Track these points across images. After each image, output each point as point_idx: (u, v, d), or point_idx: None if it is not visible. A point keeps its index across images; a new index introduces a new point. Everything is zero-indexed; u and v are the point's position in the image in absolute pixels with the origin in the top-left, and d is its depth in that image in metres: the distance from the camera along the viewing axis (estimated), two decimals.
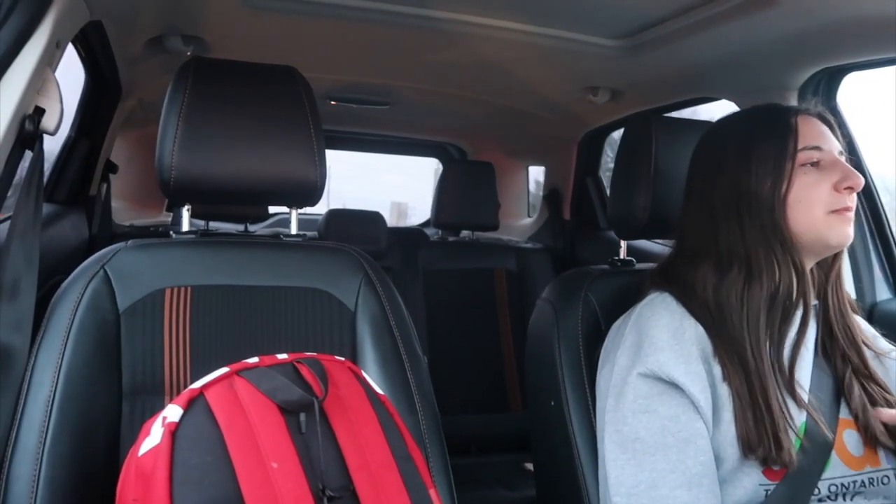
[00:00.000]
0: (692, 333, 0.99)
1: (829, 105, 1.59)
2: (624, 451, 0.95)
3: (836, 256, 1.07)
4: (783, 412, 0.94)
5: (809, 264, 1.05)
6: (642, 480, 0.93)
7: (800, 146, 1.02)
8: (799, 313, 1.02)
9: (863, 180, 1.00)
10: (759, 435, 0.92)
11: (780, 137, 1.02)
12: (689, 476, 0.92)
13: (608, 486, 0.96)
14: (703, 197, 1.08)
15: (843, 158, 1.04)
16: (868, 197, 1.60)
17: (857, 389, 1.01)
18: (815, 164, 1.02)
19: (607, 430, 0.99)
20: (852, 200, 1.00)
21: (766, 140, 1.03)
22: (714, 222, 1.05)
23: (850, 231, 1.01)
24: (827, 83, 1.57)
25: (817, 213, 1.00)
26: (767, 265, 1.00)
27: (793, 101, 1.56)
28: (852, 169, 1.00)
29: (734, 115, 1.14)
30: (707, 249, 1.05)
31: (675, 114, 2.04)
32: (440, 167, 3.57)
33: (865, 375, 1.03)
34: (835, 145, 1.04)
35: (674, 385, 0.95)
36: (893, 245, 1.62)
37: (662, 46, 1.56)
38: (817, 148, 1.02)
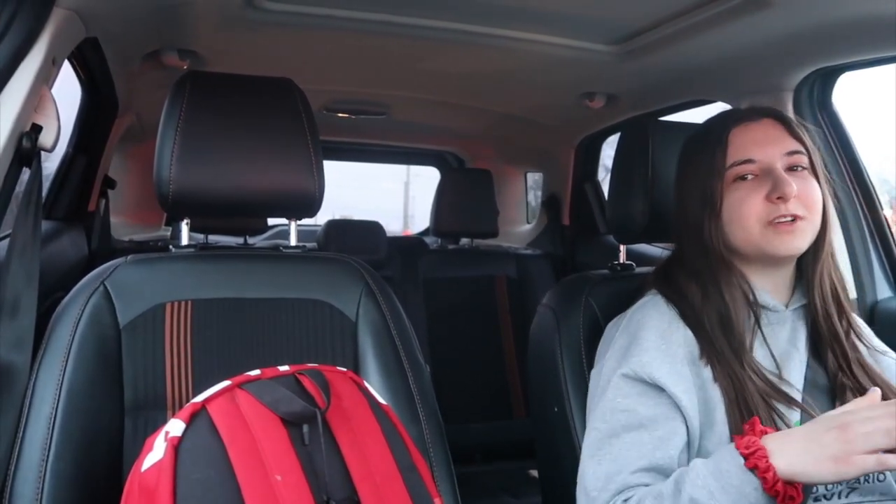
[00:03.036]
0: (680, 336, 1.00)
1: (823, 105, 1.59)
2: (600, 447, 0.96)
3: (816, 259, 1.04)
4: (770, 413, 0.93)
5: (766, 275, 1.04)
6: (613, 471, 0.94)
7: (729, 161, 1.01)
8: (749, 322, 1.02)
9: (794, 189, 0.96)
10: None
11: (710, 155, 1.03)
12: (655, 466, 0.92)
13: (585, 480, 0.97)
14: (674, 214, 1.11)
15: (798, 158, 1.02)
16: (866, 196, 1.61)
17: (848, 392, 1.01)
18: (746, 178, 1.01)
19: (587, 427, 1.00)
20: (791, 209, 0.97)
21: (699, 159, 1.04)
22: (679, 239, 1.09)
23: (793, 241, 0.99)
24: (822, 83, 1.57)
25: (752, 227, 0.99)
26: (709, 283, 1.02)
27: (788, 102, 1.57)
28: (785, 177, 0.98)
29: (690, 135, 1.14)
30: (681, 262, 1.08)
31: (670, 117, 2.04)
32: (409, 179, 3.60)
33: (850, 377, 1.02)
34: (777, 149, 1.01)
35: (655, 386, 0.96)
36: (893, 244, 1.62)
37: (657, 51, 1.56)
38: (749, 161, 1.01)
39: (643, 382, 0.97)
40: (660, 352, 0.98)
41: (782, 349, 1.03)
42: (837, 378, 1.02)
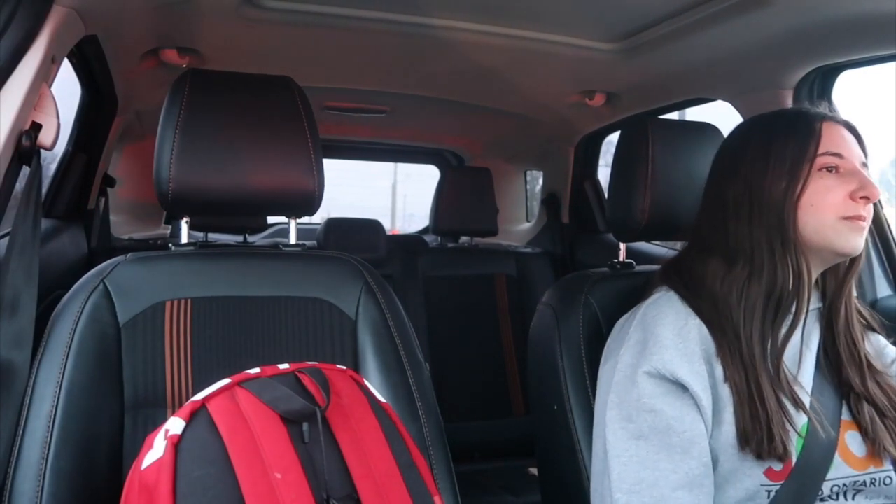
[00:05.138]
0: (696, 333, 0.99)
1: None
2: (627, 448, 0.95)
3: (851, 267, 1.06)
4: (780, 408, 0.93)
5: (816, 270, 1.04)
6: (644, 478, 0.93)
7: (820, 150, 1.02)
8: (791, 315, 1.01)
9: (879, 192, 0.99)
10: (753, 428, 0.92)
11: (802, 139, 1.02)
12: (692, 477, 0.92)
13: (610, 481, 0.96)
14: (719, 193, 1.09)
15: (865, 171, 1.03)
16: None
17: (863, 401, 1.00)
18: (834, 170, 1.01)
19: (611, 426, 0.99)
20: (867, 211, 1.00)
21: (787, 140, 1.03)
22: (726, 218, 1.06)
23: (860, 241, 1.00)
24: (822, 81, 1.57)
25: (828, 218, 0.99)
26: (769, 264, 1.00)
27: (788, 100, 1.57)
28: (871, 180, 1.00)
29: (760, 116, 1.14)
30: (718, 244, 1.06)
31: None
32: (396, 179, 3.61)
33: (863, 387, 1.01)
34: (857, 155, 1.03)
35: (679, 384, 0.96)
36: (893, 242, 1.62)
37: (657, 49, 1.56)
38: (838, 155, 1.01)
39: (667, 381, 0.96)
40: (678, 350, 0.97)
41: (796, 349, 1.02)
42: (852, 387, 1.01)
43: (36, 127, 1.04)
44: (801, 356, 1.02)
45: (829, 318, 1.06)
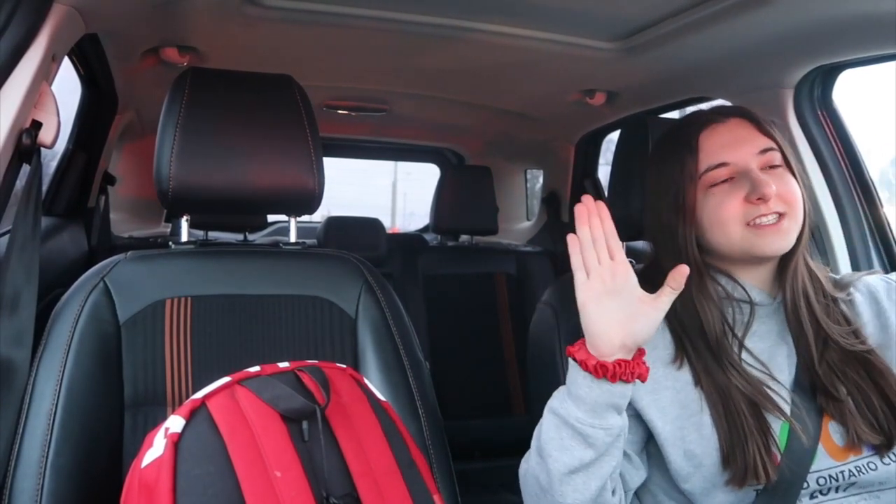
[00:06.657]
0: (658, 338, 0.99)
1: (824, 102, 1.59)
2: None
3: (793, 254, 1.01)
4: (757, 429, 0.91)
5: (754, 269, 1.02)
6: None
7: (702, 168, 0.99)
8: (745, 315, 1.01)
9: (773, 189, 0.94)
10: (734, 456, 0.90)
11: (681, 162, 1.00)
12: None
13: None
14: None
15: (771, 156, 0.99)
16: (867, 194, 1.60)
17: (830, 389, 0.96)
18: (723, 181, 0.99)
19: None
20: (772, 207, 0.95)
21: (669, 165, 1.02)
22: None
23: (779, 241, 0.96)
24: (823, 81, 1.57)
25: (733, 230, 0.97)
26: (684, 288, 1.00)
27: (789, 100, 1.57)
28: (762, 177, 0.95)
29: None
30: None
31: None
32: (397, 178, 3.61)
33: (828, 373, 0.97)
34: (750, 149, 0.99)
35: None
36: (893, 242, 1.62)
37: (658, 48, 1.56)
38: (722, 164, 0.99)
39: None
40: None
41: (772, 342, 1.01)
42: (819, 374, 0.97)
43: (36, 125, 1.04)
44: (777, 350, 1.00)
45: (793, 305, 1.01)
